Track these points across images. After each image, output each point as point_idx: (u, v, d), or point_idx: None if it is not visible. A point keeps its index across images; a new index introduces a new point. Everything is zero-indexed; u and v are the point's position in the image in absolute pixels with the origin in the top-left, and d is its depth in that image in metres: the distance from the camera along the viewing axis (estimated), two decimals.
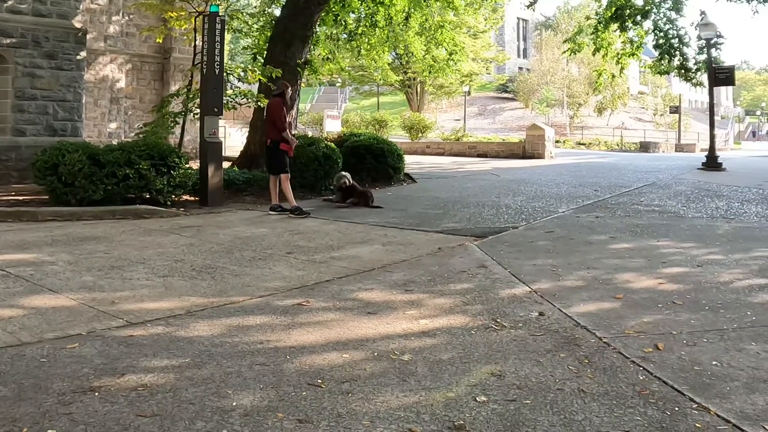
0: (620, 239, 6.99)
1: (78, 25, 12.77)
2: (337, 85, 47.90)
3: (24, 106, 11.95)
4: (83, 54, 12.99)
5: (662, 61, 16.88)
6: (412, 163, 16.35)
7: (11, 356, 3.32)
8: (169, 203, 9.25)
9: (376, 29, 16.45)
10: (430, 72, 22.00)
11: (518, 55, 67.96)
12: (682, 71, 16.93)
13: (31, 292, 4.61)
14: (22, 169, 11.36)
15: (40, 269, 5.29)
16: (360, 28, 16.68)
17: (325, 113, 33.26)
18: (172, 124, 11.34)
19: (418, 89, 45.79)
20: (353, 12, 16.49)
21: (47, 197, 9.10)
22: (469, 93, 48.37)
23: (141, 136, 10.96)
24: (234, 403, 2.83)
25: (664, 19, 16.38)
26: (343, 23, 16.29)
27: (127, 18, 18.58)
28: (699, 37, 17.46)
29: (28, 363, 3.24)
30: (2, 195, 9.72)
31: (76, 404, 2.77)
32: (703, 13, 17.24)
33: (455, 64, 20.40)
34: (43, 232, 7.13)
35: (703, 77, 17.51)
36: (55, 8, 12.26)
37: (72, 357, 3.34)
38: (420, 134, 33.78)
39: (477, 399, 2.91)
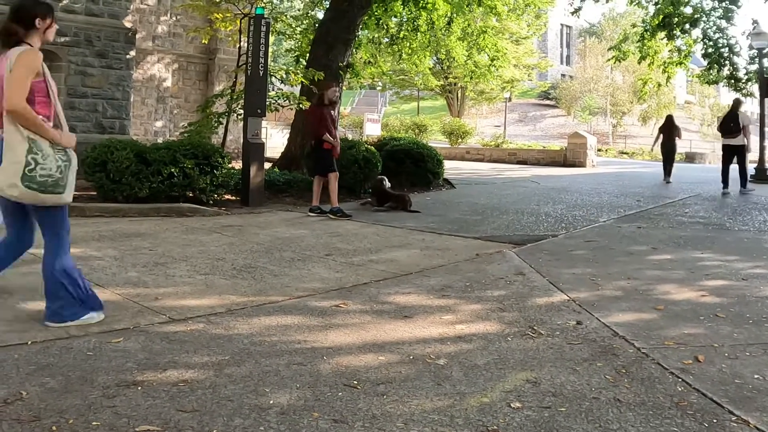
0: (662, 250, 6.88)
1: (128, 25, 13.12)
2: (378, 88, 48.01)
3: (75, 103, 12.31)
4: (132, 53, 13.33)
5: (711, 71, 16.57)
6: (451, 168, 16.32)
7: (59, 349, 3.43)
8: (211, 202, 9.42)
9: (418, 33, 16.50)
10: (471, 77, 21.99)
11: (561, 62, 67.23)
12: (732, 81, 16.58)
13: None
14: None
15: (87, 264, 5.45)
16: (402, 32, 16.75)
17: (366, 116, 33.40)
18: (216, 124, 11.55)
19: (459, 94, 45.65)
20: (395, 16, 16.56)
21: (95, 193, 9.35)
22: (510, 99, 48.05)
23: (186, 135, 11.19)
24: (271, 402, 2.88)
25: (714, 27, 16.06)
26: (385, 27, 16.38)
27: (174, 18, 19.00)
28: (750, 47, 17.08)
29: (75, 356, 3.35)
30: None
31: (120, 398, 2.85)
32: (755, 21, 16.86)
33: (497, 69, 20.35)
34: (90, 228, 7.34)
35: (754, 87, 17.12)
36: (106, 8, 12.61)
37: (117, 351, 3.44)
38: (459, 140, 33.69)
39: (511, 405, 2.91)
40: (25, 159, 3.46)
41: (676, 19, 15.84)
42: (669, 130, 16.48)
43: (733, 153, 13.45)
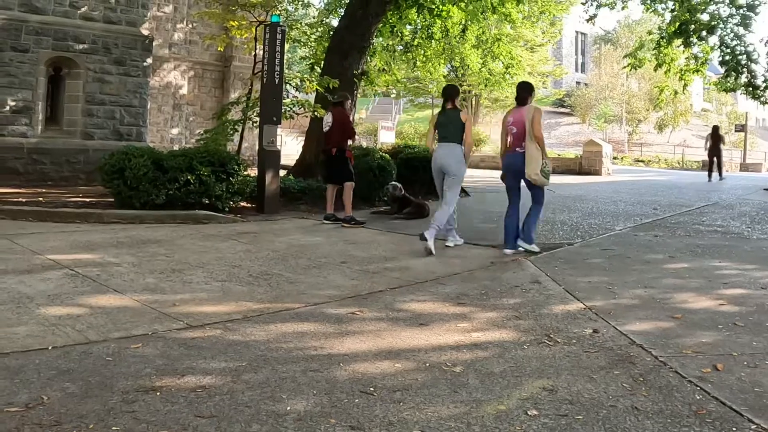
0: (679, 259, 6.84)
1: (145, 33, 13.23)
2: (392, 96, 48.01)
3: (93, 110, 12.44)
4: (149, 60, 13.44)
5: (728, 78, 16.39)
6: (465, 176, 16.26)
7: (79, 354, 3.48)
8: (227, 209, 9.46)
9: (432, 41, 16.49)
10: (485, 85, 21.96)
11: (576, 70, 66.96)
12: (750, 89, 16.40)
13: (97, 291, 4.81)
14: (90, 171, 11.80)
15: (105, 270, 5.51)
16: (416, 40, 16.74)
17: (380, 124, 33.44)
18: (231, 132, 11.60)
19: (473, 102, 45.50)
20: (410, 24, 16.55)
21: (112, 200, 9.43)
22: None
23: (202, 142, 11.25)
24: (288, 408, 2.90)
25: (732, 34, 15.90)
26: (400, 35, 16.36)
27: (190, 26, 19.14)
28: None
29: (95, 361, 3.39)
30: (71, 197, 10.13)
31: (139, 403, 2.89)
32: None
33: (512, 77, 20.29)
34: (108, 234, 7.41)
35: None
36: (124, 15, 12.74)
37: (135, 357, 3.47)
38: (474, 148, 33.63)
39: (528, 413, 2.91)
40: (542, 161, 6.83)
41: (693, 26, 15.71)
42: (715, 139, 20.29)
43: None
